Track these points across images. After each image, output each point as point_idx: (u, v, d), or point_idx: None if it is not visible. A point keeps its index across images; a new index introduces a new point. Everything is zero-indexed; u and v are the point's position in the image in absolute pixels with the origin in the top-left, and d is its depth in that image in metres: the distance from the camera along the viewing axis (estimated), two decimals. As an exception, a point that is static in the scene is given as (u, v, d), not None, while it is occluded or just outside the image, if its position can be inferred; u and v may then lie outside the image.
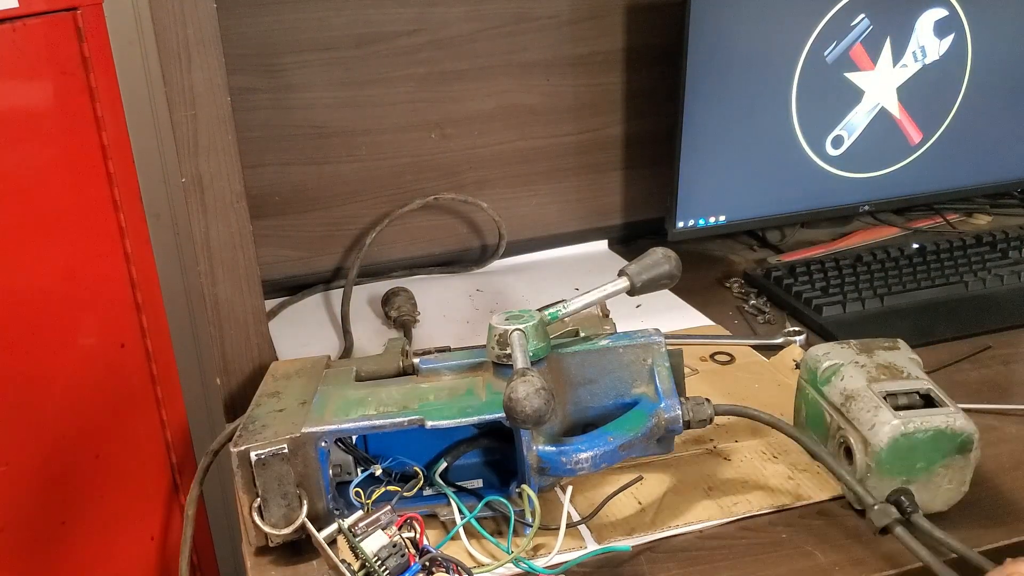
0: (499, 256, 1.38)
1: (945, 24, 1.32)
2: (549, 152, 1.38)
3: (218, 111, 0.89)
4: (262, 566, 0.78)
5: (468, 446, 0.84)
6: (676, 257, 0.87)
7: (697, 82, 1.23)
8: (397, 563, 0.67)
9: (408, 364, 0.89)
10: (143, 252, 1.10)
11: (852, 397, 0.81)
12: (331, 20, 1.22)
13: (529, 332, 0.80)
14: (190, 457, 1.20)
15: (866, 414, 0.79)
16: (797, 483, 0.86)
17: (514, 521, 0.78)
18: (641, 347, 0.83)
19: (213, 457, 0.91)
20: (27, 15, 0.93)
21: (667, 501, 0.84)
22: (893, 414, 0.78)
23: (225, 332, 0.97)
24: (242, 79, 1.19)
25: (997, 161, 1.45)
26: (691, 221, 1.31)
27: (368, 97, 1.27)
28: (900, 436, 0.77)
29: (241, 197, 0.93)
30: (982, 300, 1.21)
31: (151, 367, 1.12)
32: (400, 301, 1.21)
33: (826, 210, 1.39)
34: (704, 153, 1.28)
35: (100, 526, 1.12)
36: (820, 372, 0.86)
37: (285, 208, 1.28)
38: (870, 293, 1.20)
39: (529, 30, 1.30)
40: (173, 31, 0.86)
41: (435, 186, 1.34)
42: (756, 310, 1.22)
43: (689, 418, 0.80)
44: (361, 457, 0.82)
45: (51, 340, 1.03)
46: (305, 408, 0.80)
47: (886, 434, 0.77)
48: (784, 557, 0.77)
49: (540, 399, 0.68)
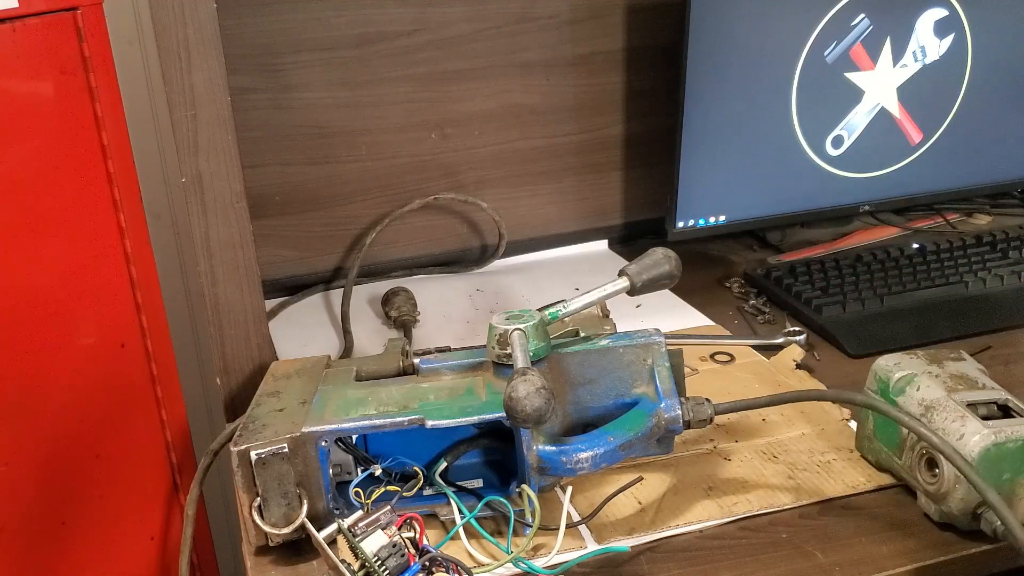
0: (499, 256, 1.38)
1: (945, 24, 1.32)
2: (549, 152, 1.38)
3: (218, 111, 0.90)
4: (262, 566, 0.78)
5: (468, 446, 0.84)
6: (676, 257, 0.87)
7: (697, 82, 1.23)
8: (397, 563, 0.67)
9: (408, 364, 0.89)
10: (143, 252, 1.10)
11: (932, 407, 0.79)
12: (331, 20, 1.22)
13: (529, 332, 0.80)
14: (190, 457, 1.20)
15: (952, 424, 0.77)
16: (797, 483, 0.86)
17: (514, 521, 0.78)
18: (641, 347, 0.83)
19: (213, 457, 0.91)
20: (27, 15, 0.93)
21: (667, 501, 0.84)
22: (982, 423, 0.76)
23: (225, 332, 0.97)
24: (242, 79, 1.19)
25: (997, 161, 1.45)
26: (691, 221, 1.31)
27: (368, 97, 1.27)
28: (992, 446, 0.75)
29: (241, 197, 0.93)
30: (982, 300, 1.21)
31: (151, 367, 1.12)
32: (400, 301, 1.21)
33: (826, 210, 1.39)
34: (704, 153, 1.28)
35: (100, 526, 1.12)
36: (893, 383, 0.83)
37: (285, 208, 1.28)
38: (870, 293, 1.20)
39: (529, 30, 1.30)
40: (173, 31, 0.86)
41: (435, 186, 1.34)
42: (756, 310, 1.22)
43: (689, 418, 0.80)
44: (361, 457, 0.82)
45: (51, 340, 1.03)
46: (305, 408, 0.80)
47: (977, 444, 0.75)
48: (784, 557, 0.77)
49: (540, 398, 0.68)
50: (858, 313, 1.17)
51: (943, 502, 0.78)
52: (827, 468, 0.88)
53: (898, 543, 0.78)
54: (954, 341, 1.11)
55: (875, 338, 1.12)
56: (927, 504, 0.81)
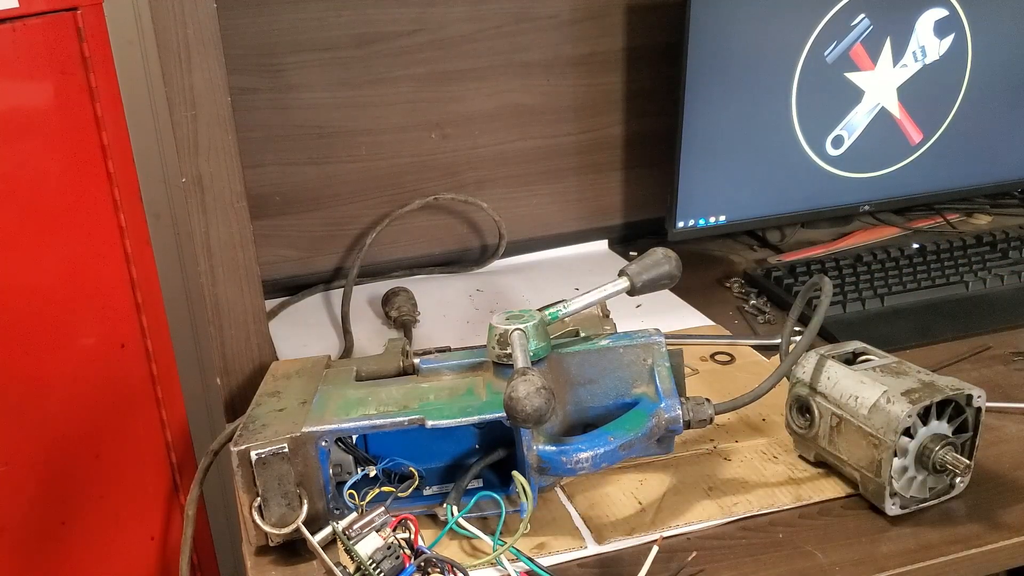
0: (499, 256, 1.38)
1: (945, 24, 1.32)
2: (549, 152, 1.38)
3: (218, 111, 0.89)
4: (262, 566, 0.78)
5: (474, 468, 0.82)
6: (676, 257, 0.87)
7: (697, 82, 1.23)
8: (392, 565, 0.67)
9: (408, 364, 0.89)
10: (143, 252, 1.10)
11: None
12: (331, 20, 1.22)
13: (529, 332, 0.80)
14: (190, 457, 1.20)
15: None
16: (797, 483, 0.86)
17: (510, 518, 0.78)
18: (641, 347, 0.83)
19: (213, 457, 0.91)
20: (27, 15, 0.93)
21: (667, 501, 0.84)
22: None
23: (225, 332, 0.97)
24: (242, 79, 1.19)
25: (997, 161, 1.45)
26: (691, 221, 1.31)
27: (368, 97, 1.27)
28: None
29: (241, 197, 0.93)
30: (982, 300, 1.21)
31: (151, 367, 1.12)
32: (400, 301, 1.21)
33: (826, 210, 1.39)
34: (704, 153, 1.28)
35: (100, 526, 1.12)
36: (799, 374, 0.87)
37: (285, 208, 1.28)
38: (870, 293, 1.20)
39: (529, 30, 1.30)
40: (173, 31, 0.86)
41: (435, 186, 1.34)
42: (756, 310, 1.22)
43: (689, 418, 0.80)
44: (361, 457, 0.82)
45: (51, 340, 1.03)
46: (305, 408, 0.80)
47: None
48: (784, 557, 0.77)
49: (540, 398, 0.68)
50: (858, 313, 1.17)
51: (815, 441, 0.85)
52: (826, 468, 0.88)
53: (898, 543, 0.78)
54: (954, 341, 1.11)
55: (875, 338, 1.11)
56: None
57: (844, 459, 0.82)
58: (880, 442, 0.78)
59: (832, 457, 0.84)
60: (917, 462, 0.79)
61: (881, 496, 0.80)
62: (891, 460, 0.78)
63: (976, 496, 0.83)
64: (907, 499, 0.80)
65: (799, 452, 0.89)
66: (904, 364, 0.85)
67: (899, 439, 0.78)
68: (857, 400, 0.81)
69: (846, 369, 0.84)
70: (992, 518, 0.81)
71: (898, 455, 0.78)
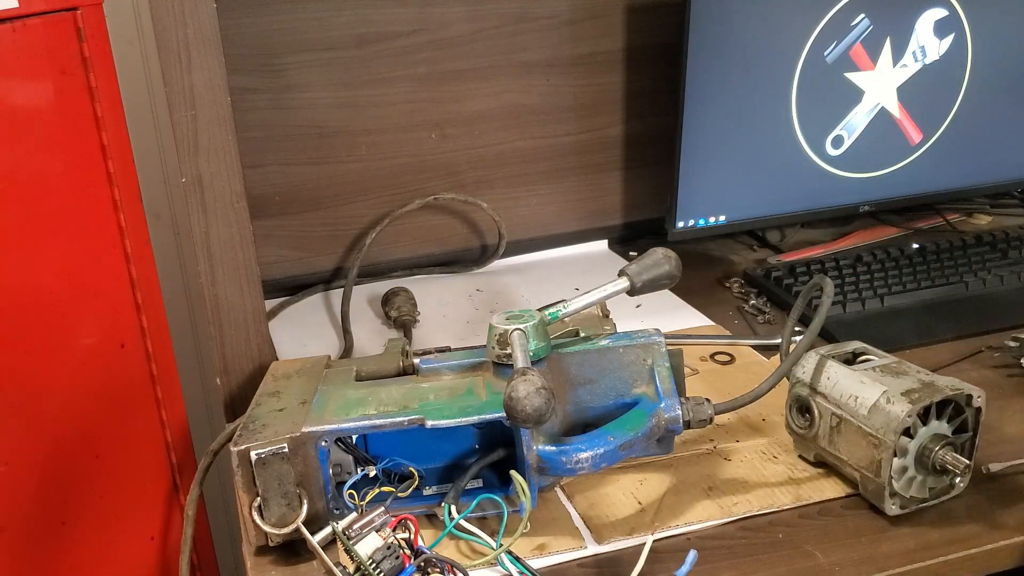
0: (499, 256, 1.38)
1: (945, 24, 1.32)
2: (549, 152, 1.38)
3: (218, 111, 0.90)
4: (262, 566, 0.78)
5: (474, 468, 0.82)
6: (676, 257, 0.87)
7: (697, 82, 1.23)
8: (392, 565, 0.67)
9: (408, 364, 0.89)
10: (143, 252, 1.10)
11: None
12: (331, 20, 1.22)
13: (529, 332, 0.80)
14: (190, 457, 1.20)
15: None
16: (797, 483, 0.86)
17: (511, 518, 0.78)
18: (641, 347, 0.83)
19: (213, 457, 0.91)
20: (27, 15, 0.93)
21: (667, 501, 0.84)
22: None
23: (225, 332, 0.97)
24: (242, 79, 1.19)
25: (997, 161, 1.45)
26: (691, 221, 1.31)
27: (368, 97, 1.27)
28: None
29: (241, 197, 0.93)
30: (982, 300, 1.21)
31: (151, 367, 1.12)
32: (400, 301, 1.21)
33: (826, 210, 1.39)
34: (704, 153, 1.28)
35: (100, 526, 1.12)
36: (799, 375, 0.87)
37: (285, 208, 1.28)
38: (870, 293, 1.20)
39: (529, 30, 1.30)
40: (173, 31, 0.86)
41: (435, 186, 1.34)
42: (756, 310, 1.22)
43: (689, 418, 0.80)
44: (361, 457, 0.82)
45: (51, 340, 1.03)
46: (305, 408, 0.80)
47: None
48: (784, 557, 0.77)
49: (540, 398, 0.68)
50: (858, 313, 1.17)
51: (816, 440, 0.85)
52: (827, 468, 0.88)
53: (898, 543, 0.78)
54: (954, 341, 1.11)
55: (875, 338, 1.11)
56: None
57: (844, 459, 0.82)
58: (880, 442, 0.78)
59: (832, 457, 0.84)
60: (917, 462, 0.79)
61: (881, 496, 0.80)
62: (891, 460, 0.78)
63: (976, 496, 0.83)
64: (907, 499, 0.80)
65: (799, 452, 0.89)
66: (904, 364, 0.85)
67: (899, 439, 0.78)
68: (857, 400, 0.81)
69: (846, 369, 0.84)
70: (992, 518, 0.81)
71: (898, 455, 0.78)
